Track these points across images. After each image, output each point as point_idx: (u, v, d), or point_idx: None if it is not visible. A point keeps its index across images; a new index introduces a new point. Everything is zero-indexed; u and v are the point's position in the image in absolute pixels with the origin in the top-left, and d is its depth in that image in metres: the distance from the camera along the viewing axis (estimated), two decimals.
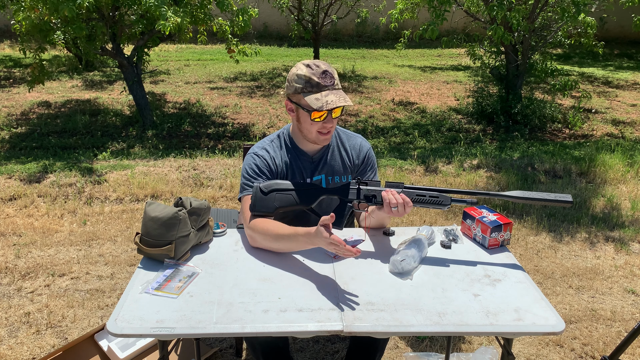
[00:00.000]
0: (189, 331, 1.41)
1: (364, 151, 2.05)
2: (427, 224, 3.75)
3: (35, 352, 2.44)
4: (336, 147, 2.03)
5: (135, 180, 4.37)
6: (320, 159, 2.00)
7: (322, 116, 1.81)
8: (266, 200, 1.77)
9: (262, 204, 1.77)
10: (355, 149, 2.05)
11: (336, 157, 2.02)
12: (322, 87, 1.79)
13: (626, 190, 4.42)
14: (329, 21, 9.18)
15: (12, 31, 5.71)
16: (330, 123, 1.84)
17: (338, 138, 2.05)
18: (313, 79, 1.79)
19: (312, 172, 1.99)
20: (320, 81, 1.79)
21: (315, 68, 1.80)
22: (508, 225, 1.85)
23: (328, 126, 1.85)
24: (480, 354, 2.35)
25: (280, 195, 1.77)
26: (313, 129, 1.86)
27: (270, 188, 1.78)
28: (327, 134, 1.88)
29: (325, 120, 1.83)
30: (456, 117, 6.74)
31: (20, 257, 3.25)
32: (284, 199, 1.77)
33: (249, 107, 6.95)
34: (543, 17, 6.29)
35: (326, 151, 2.01)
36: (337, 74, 1.86)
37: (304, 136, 1.93)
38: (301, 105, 1.83)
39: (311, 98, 1.79)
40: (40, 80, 5.43)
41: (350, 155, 2.04)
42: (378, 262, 1.74)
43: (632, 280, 3.11)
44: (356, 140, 2.07)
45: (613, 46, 12.07)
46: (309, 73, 1.79)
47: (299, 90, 1.81)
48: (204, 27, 5.62)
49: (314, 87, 1.80)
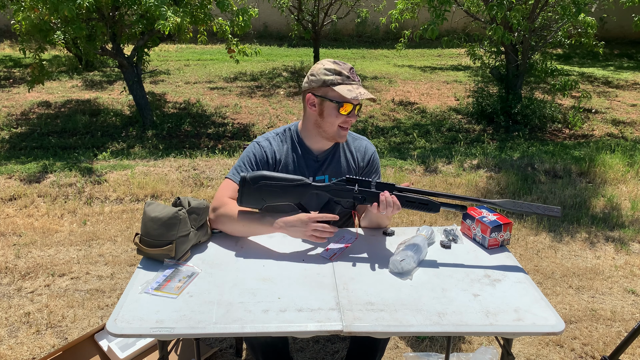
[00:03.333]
0: (189, 331, 1.41)
1: (369, 154, 2.06)
2: (427, 224, 3.75)
3: (35, 352, 2.44)
4: (342, 149, 2.04)
5: (135, 180, 4.37)
6: (325, 159, 2.00)
7: (350, 109, 1.85)
8: (254, 193, 1.71)
9: (250, 198, 1.73)
10: (360, 152, 2.06)
11: (341, 158, 2.03)
12: (351, 81, 1.85)
13: (626, 190, 4.42)
14: (329, 21, 9.18)
15: (12, 31, 5.71)
16: (354, 118, 1.88)
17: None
18: (343, 72, 1.85)
19: (316, 172, 1.99)
20: (349, 75, 1.85)
21: (342, 64, 1.87)
22: (508, 225, 1.85)
23: (351, 120, 1.88)
24: (480, 354, 2.35)
25: (268, 189, 1.72)
26: (336, 122, 1.88)
27: (257, 177, 1.72)
28: (346, 129, 1.92)
29: (349, 115, 1.86)
30: (456, 117, 6.74)
31: (20, 257, 3.25)
32: (272, 193, 1.72)
33: (249, 107, 6.95)
34: (543, 17, 6.29)
35: (332, 152, 2.01)
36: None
37: (324, 131, 1.92)
38: (328, 97, 1.85)
39: (343, 89, 1.82)
40: (40, 80, 5.43)
41: (355, 157, 2.05)
42: (378, 262, 1.74)
43: (632, 280, 3.11)
44: (362, 143, 2.08)
45: (613, 46, 12.07)
46: (338, 67, 1.85)
47: (328, 82, 1.84)
48: (204, 27, 5.62)
49: (346, 80, 1.84)
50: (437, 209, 1.70)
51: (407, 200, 1.71)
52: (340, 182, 1.74)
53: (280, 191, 1.71)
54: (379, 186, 1.72)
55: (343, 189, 1.73)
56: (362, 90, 1.84)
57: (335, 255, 1.76)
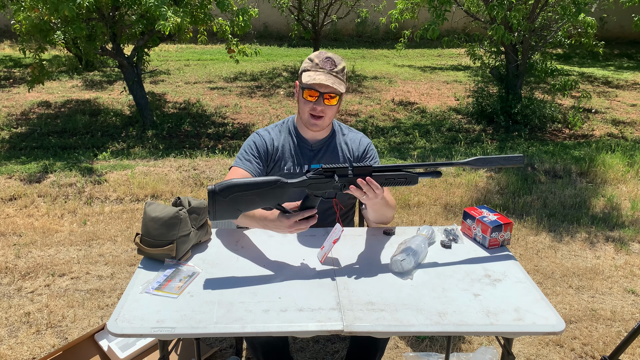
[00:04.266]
0: (190, 331, 1.41)
1: (364, 144, 2.10)
2: (427, 223, 3.75)
3: (35, 352, 2.44)
4: (337, 140, 2.09)
5: (135, 180, 4.37)
6: (320, 149, 2.06)
7: (313, 97, 1.89)
8: (227, 204, 1.57)
9: (224, 210, 1.58)
10: (355, 143, 2.10)
11: (336, 148, 2.08)
12: (319, 68, 1.89)
13: (626, 190, 4.42)
14: (329, 21, 9.18)
15: (12, 31, 5.71)
16: (320, 106, 1.90)
17: (340, 131, 2.12)
18: (315, 60, 1.90)
19: (311, 160, 2.05)
20: (319, 63, 1.89)
21: (322, 54, 1.92)
22: (508, 225, 1.85)
23: (318, 109, 1.91)
24: (480, 354, 2.35)
25: (241, 197, 1.58)
26: (305, 109, 1.94)
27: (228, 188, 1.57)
28: (318, 118, 1.94)
29: (315, 102, 1.90)
30: (456, 117, 6.74)
31: (20, 257, 3.25)
32: (248, 201, 1.60)
33: (249, 107, 6.95)
34: (543, 17, 6.30)
35: (327, 142, 2.07)
36: (343, 67, 1.93)
37: (300, 117, 2.01)
38: (300, 84, 1.94)
39: (305, 75, 1.89)
40: (40, 80, 5.43)
41: (350, 148, 2.09)
42: (378, 262, 1.74)
43: (632, 280, 3.12)
44: (357, 135, 2.13)
45: (613, 46, 12.07)
46: (315, 56, 1.92)
47: (302, 69, 1.93)
48: (204, 27, 5.62)
49: (312, 68, 1.90)
50: (415, 180, 1.70)
51: (386, 179, 1.68)
52: (317, 174, 1.66)
53: (257, 198, 1.61)
54: (356, 171, 1.66)
55: (321, 181, 1.66)
56: (321, 77, 1.85)
57: (325, 255, 1.74)
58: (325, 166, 1.67)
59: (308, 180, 1.66)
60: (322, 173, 1.66)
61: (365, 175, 1.66)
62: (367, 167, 1.66)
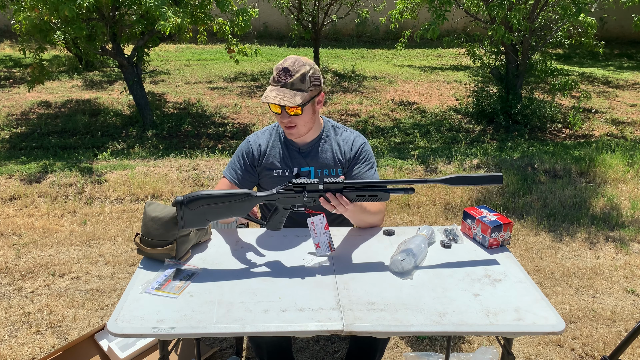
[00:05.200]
0: (190, 331, 1.41)
1: (357, 145, 2.06)
2: (427, 223, 3.75)
3: (35, 352, 2.44)
4: (328, 141, 2.06)
5: (135, 180, 4.37)
6: (310, 152, 2.04)
7: (274, 110, 1.88)
8: (194, 215, 1.63)
9: (192, 220, 1.64)
10: (347, 144, 2.06)
11: (327, 150, 2.05)
12: (275, 82, 1.88)
13: (626, 190, 4.42)
14: (329, 21, 9.18)
15: (12, 31, 5.71)
16: (285, 118, 1.89)
17: (333, 132, 2.09)
18: (273, 73, 1.89)
19: (300, 163, 2.04)
20: (276, 76, 1.88)
21: (281, 64, 1.88)
22: (508, 225, 1.85)
23: (284, 121, 1.90)
24: (480, 354, 2.35)
25: (208, 208, 1.64)
26: (277, 120, 1.95)
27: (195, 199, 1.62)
28: (290, 128, 1.93)
29: (281, 115, 1.89)
30: (456, 117, 6.74)
31: (20, 257, 3.25)
32: (216, 212, 1.65)
33: (249, 107, 6.95)
34: (543, 17, 6.30)
35: (316, 144, 2.05)
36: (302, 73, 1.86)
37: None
38: None
39: (265, 92, 1.88)
40: (40, 80, 5.43)
41: (342, 149, 2.06)
42: (378, 262, 1.74)
43: (632, 280, 3.12)
44: (350, 135, 2.09)
45: (613, 46, 12.07)
46: (275, 67, 1.89)
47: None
48: (204, 27, 5.62)
49: (271, 82, 1.89)
50: (387, 197, 1.71)
51: (357, 195, 1.70)
52: (287, 189, 1.69)
53: (224, 209, 1.65)
54: (326, 187, 1.67)
55: (290, 195, 1.69)
56: (272, 93, 1.84)
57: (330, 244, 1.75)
58: (296, 181, 1.68)
59: (277, 195, 1.69)
60: (291, 188, 1.68)
61: (336, 191, 1.68)
62: (338, 183, 1.68)
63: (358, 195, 1.69)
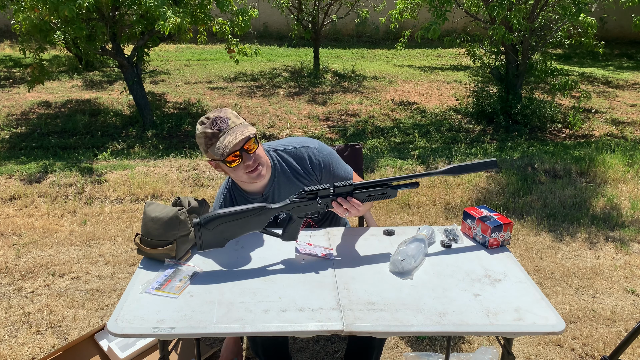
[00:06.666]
0: (190, 331, 1.41)
1: (315, 162, 1.93)
2: (427, 223, 3.75)
3: (35, 352, 2.44)
4: (282, 171, 1.93)
5: (135, 180, 4.37)
6: (272, 192, 1.92)
7: (235, 159, 1.77)
8: (212, 235, 1.62)
9: (210, 240, 1.63)
10: (303, 162, 1.93)
11: (285, 181, 1.93)
12: (217, 134, 1.76)
13: (626, 190, 4.42)
14: (329, 21, 9.18)
15: (12, 31, 5.71)
16: (249, 160, 1.78)
17: (281, 160, 1.94)
18: (207, 132, 1.77)
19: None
20: (213, 130, 1.76)
21: (206, 121, 1.78)
22: (508, 225, 1.85)
23: (250, 164, 1.78)
24: (480, 354, 2.35)
25: (227, 226, 1.63)
26: (240, 173, 1.81)
27: (213, 219, 1.61)
28: (256, 169, 1.81)
29: (243, 160, 1.78)
30: (456, 117, 6.74)
31: (20, 257, 3.25)
32: (233, 229, 1.65)
33: (249, 107, 6.95)
34: (543, 17, 6.29)
35: (273, 181, 1.91)
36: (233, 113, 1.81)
37: (239, 183, 1.90)
38: (216, 159, 1.80)
39: (214, 149, 1.77)
40: (40, 80, 5.43)
41: (299, 170, 1.93)
42: (378, 262, 1.75)
43: (632, 280, 3.12)
44: (300, 153, 1.94)
45: (613, 46, 12.07)
46: (203, 129, 1.78)
47: (205, 149, 1.80)
48: (204, 27, 5.62)
49: (212, 139, 1.77)
50: (395, 193, 1.74)
51: (367, 196, 1.73)
52: (300, 197, 1.68)
53: (242, 225, 1.65)
54: (338, 190, 1.69)
55: (304, 204, 1.69)
56: (228, 139, 1.73)
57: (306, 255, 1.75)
58: (308, 188, 1.68)
59: (291, 205, 1.69)
60: (304, 196, 1.69)
61: (347, 194, 1.70)
62: (348, 185, 1.70)
63: (368, 196, 1.73)
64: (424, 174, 1.76)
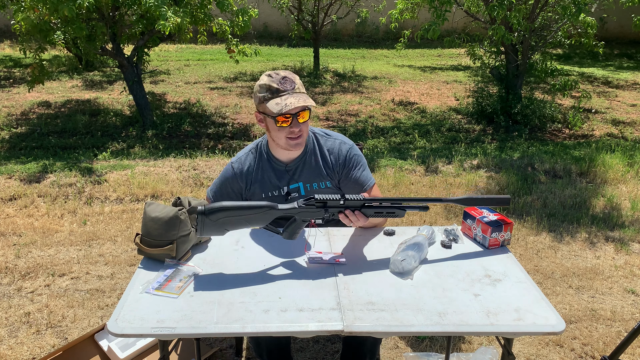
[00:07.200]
0: (190, 331, 1.41)
1: (344, 154, 2.00)
2: (428, 223, 3.75)
3: (35, 352, 2.44)
4: (313, 153, 1.99)
5: (135, 180, 4.37)
6: (297, 168, 1.98)
7: (286, 121, 1.82)
8: (214, 225, 1.62)
9: (210, 230, 1.63)
10: (334, 153, 2.00)
11: (313, 163, 1.98)
12: (281, 91, 1.82)
13: (626, 190, 4.42)
14: (329, 21, 9.18)
15: (12, 31, 5.71)
16: (297, 127, 1.84)
17: (316, 142, 2.01)
18: (273, 86, 1.83)
19: (289, 181, 1.99)
20: (279, 87, 1.82)
21: (275, 76, 1.85)
22: (508, 225, 1.85)
23: (295, 131, 1.85)
24: (480, 354, 2.35)
25: (229, 220, 1.62)
26: (281, 135, 1.86)
27: (216, 210, 1.61)
28: (297, 138, 1.87)
29: (291, 125, 1.83)
30: (456, 117, 6.74)
31: (20, 257, 3.25)
32: (236, 223, 1.64)
33: (249, 107, 6.95)
34: (543, 17, 6.30)
35: (302, 158, 1.98)
36: (299, 80, 1.89)
37: (277, 144, 1.93)
38: (267, 113, 1.86)
39: (272, 103, 1.81)
40: (40, 80, 5.43)
41: (329, 159, 2.00)
42: (378, 262, 1.75)
43: (632, 280, 3.12)
44: (335, 143, 2.02)
45: (613, 46, 12.07)
46: (269, 81, 1.84)
47: (262, 99, 1.85)
48: (204, 27, 5.62)
49: (274, 93, 1.83)
50: (402, 214, 1.74)
51: (375, 212, 1.72)
52: (309, 204, 1.68)
53: (244, 220, 1.65)
54: (348, 203, 1.69)
55: (311, 210, 1.69)
56: (290, 100, 1.80)
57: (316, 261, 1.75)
58: (318, 196, 1.68)
59: (298, 209, 1.69)
60: (313, 204, 1.68)
61: (356, 208, 1.70)
62: (358, 200, 1.70)
63: (376, 212, 1.72)
64: (436, 200, 1.78)
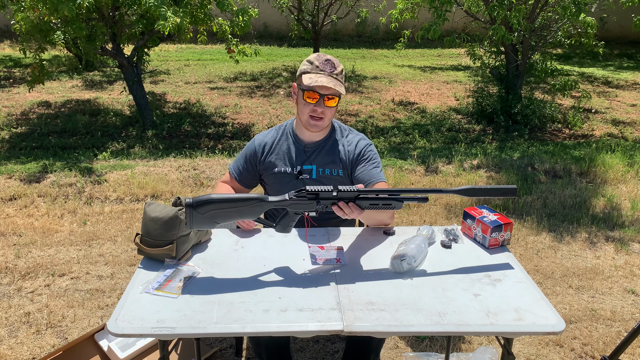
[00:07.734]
0: (190, 331, 1.41)
1: (360, 147, 2.08)
2: (428, 223, 3.75)
3: (35, 352, 2.44)
4: (334, 141, 2.09)
5: (135, 180, 4.37)
6: (314, 150, 2.07)
7: (313, 99, 1.91)
8: (203, 218, 1.60)
9: (201, 222, 1.61)
10: (351, 145, 2.09)
11: (331, 150, 2.08)
12: (319, 70, 1.92)
13: (626, 190, 4.42)
14: (329, 21, 9.18)
15: (12, 31, 5.70)
16: (321, 108, 1.92)
17: (340, 132, 2.12)
18: (314, 62, 1.93)
19: (304, 161, 2.06)
20: (319, 65, 1.92)
21: (321, 56, 1.94)
22: (508, 225, 1.85)
23: (318, 110, 1.93)
24: (480, 354, 2.35)
25: (218, 213, 1.60)
26: (305, 110, 1.96)
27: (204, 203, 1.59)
28: (318, 119, 1.96)
29: (316, 104, 1.92)
30: (456, 117, 6.74)
31: (20, 257, 3.25)
32: (225, 216, 1.62)
33: (249, 107, 6.95)
34: (543, 17, 6.30)
35: (322, 143, 2.08)
36: (342, 69, 1.97)
37: (300, 118, 2.03)
38: (300, 85, 1.96)
39: (306, 77, 1.91)
40: (40, 80, 5.43)
41: (345, 150, 2.08)
42: (378, 262, 1.74)
43: (632, 280, 3.12)
44: (354, 137, 2.11)
45: (613, 46, 12.07)
46: (314, 58, 1.93)
47: (302, 71, 1.95)
48: (204, 27, 5.62)
49: (313, 70, 1.92)
50: (400, 205, 1.69)
51: (370, 204, 1.67)
52: (300, 194, 1.66)
53: (234, 213, 1.63)
54: (340, 195, 1.65)
55: (303, 202, 1.66)
56: (322, 79, 1.88)
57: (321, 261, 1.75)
58: (309, 188, 1.64)
59: (289, 201, 1.66)
60: (304, 195, 1.65)
61: (349, 199, 1.65)
62: (351, 192, 1.65)
63: (371, 204, 1.67)
64: (436, 191, 1.70)
